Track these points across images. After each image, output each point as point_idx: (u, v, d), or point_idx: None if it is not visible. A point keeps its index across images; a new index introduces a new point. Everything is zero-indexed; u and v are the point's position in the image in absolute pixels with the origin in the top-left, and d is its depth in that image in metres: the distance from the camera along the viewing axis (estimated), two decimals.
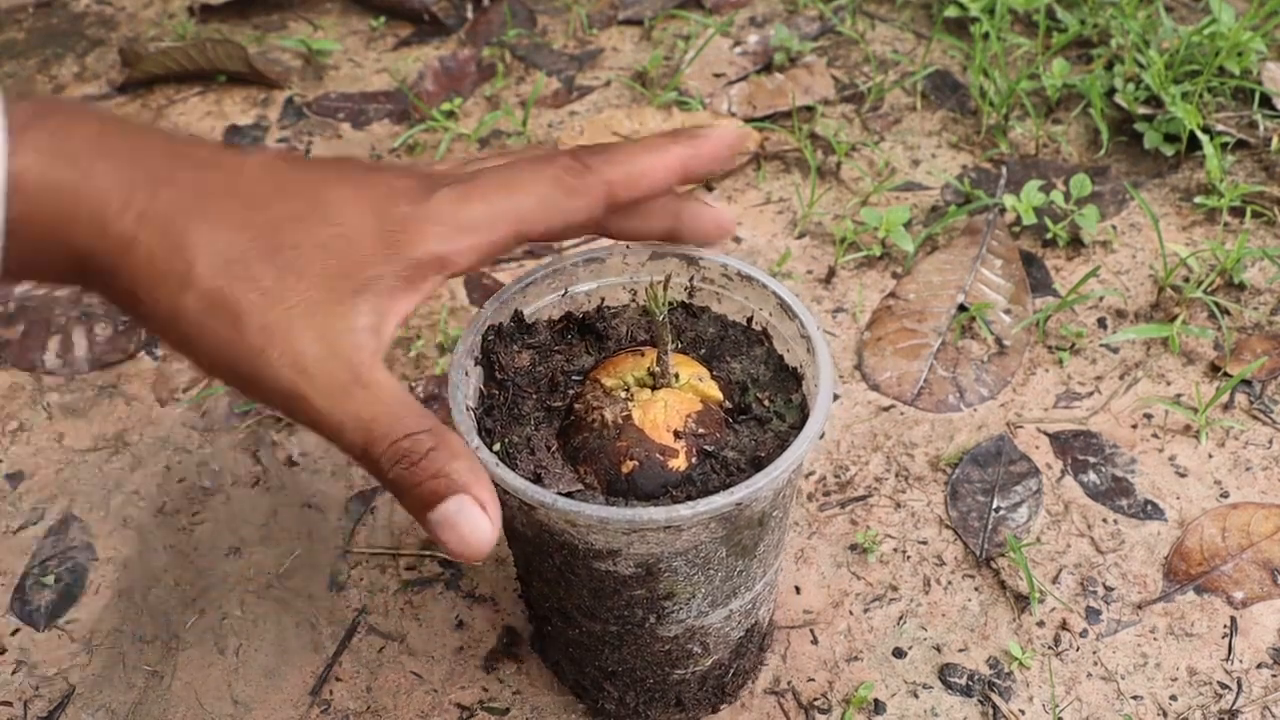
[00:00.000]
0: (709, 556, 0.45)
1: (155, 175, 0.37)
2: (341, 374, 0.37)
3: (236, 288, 0.37)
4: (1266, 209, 0.79)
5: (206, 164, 0.38)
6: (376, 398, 0.37)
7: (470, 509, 0.37)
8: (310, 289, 0.37)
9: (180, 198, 0.37)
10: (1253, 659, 0.56)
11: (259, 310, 0.37)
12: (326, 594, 0.61)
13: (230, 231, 0.37)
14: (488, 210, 0.40)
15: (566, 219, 0.42)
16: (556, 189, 0.41)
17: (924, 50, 0.95)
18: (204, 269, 0.36)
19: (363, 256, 0.38)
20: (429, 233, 0.39)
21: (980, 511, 0.63)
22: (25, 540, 0.65)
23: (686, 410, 0.45)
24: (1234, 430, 0.66)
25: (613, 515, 0.41)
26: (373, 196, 0.39)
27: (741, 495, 0.41)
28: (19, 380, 0.74)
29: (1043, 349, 0.72)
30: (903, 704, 0.55)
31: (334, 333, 0.37)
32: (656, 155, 0.43)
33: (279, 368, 0.37)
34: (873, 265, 0.78)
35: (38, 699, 0.58)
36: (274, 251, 0.37)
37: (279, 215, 0.38)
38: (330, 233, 0.38)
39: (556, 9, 1.05)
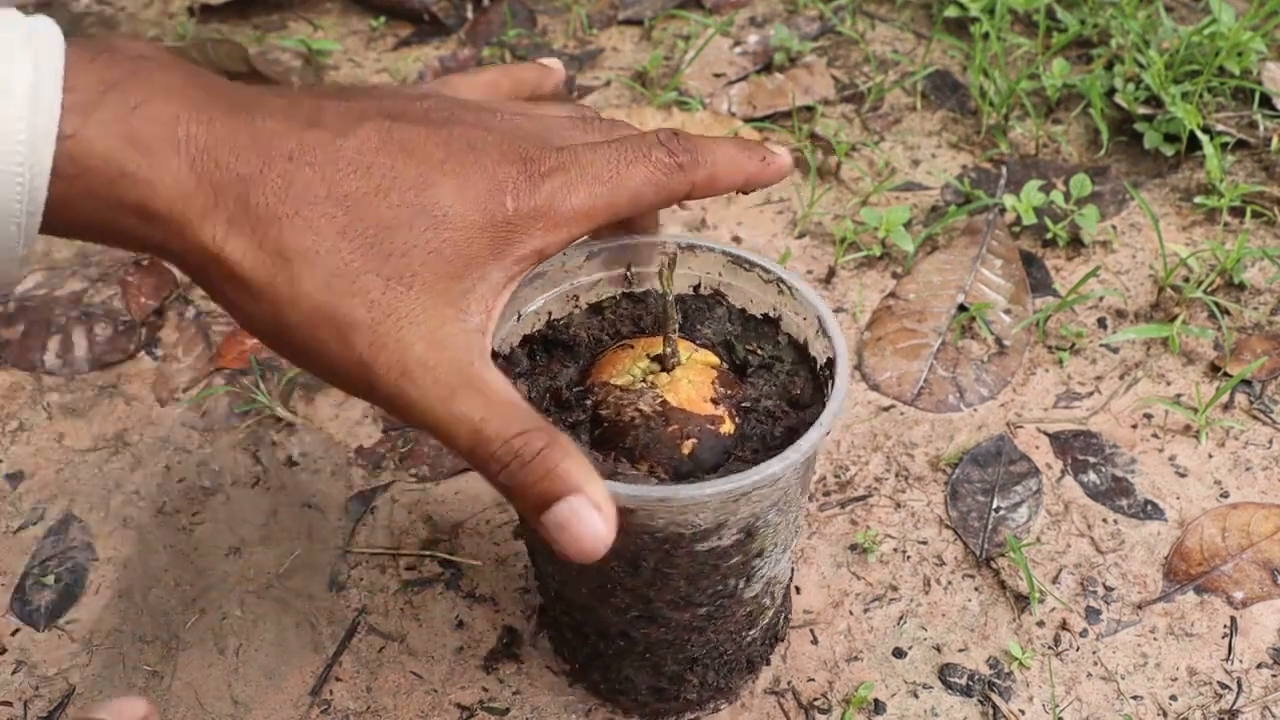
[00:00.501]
0: (791, 499, 0.46)
1: (243, 176, 0.35)
2: (450, 378, 0.36)
3: (344, 304, 0.36)
4: (1266, 209, 0.79)
5: (300, 158, 0.36)
6: (486, 399, 0.37)
7: (585, 510, 0.36)
8: (419, 297, 0.37)
9: (273, 204, 0.35)
10: (1253, 659, 0.56)
11: (367, 325, 0.36)
12: (326, 594, 0.61)
13: (332, 241, 0.36)
14: (589, 203, 0.40)
15: (648, 209, 0.43)
16: (649, 185, 0.42)
17: (924, 50, 0.95)
18: (308, 285, 0.35)
19: (471, 258, 0.38)
20: (534, 229, 0.39)
21: (980, 511, 0.63)
22: (25, 540, 0.65)
23: (708, 379, 0.46)
24: (1234, 430, 0.66)
25: (742, 480, 0.41)
26: (480, 194, 0.38)
27: (828, 423, 0.42)
28: (19, 380, 0.74)
29: (1043, 349, 0.72)
30: (903, 704, 0.55)
31: (442, 337, 0.37)
32: (734, 166, 0.44)
33: (388, 378, 0.36)
34: (873, 265, 0.78)
35: (38, 699, 0.58)
36: (380, 261, 0.36)
37: (381, 220, 0.37)
38: (440, 238, 0.37)
39: (556, 9, 1.05)
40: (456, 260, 0.38)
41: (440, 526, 0.64)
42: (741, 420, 0.46)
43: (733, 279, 0.51)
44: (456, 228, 0.38)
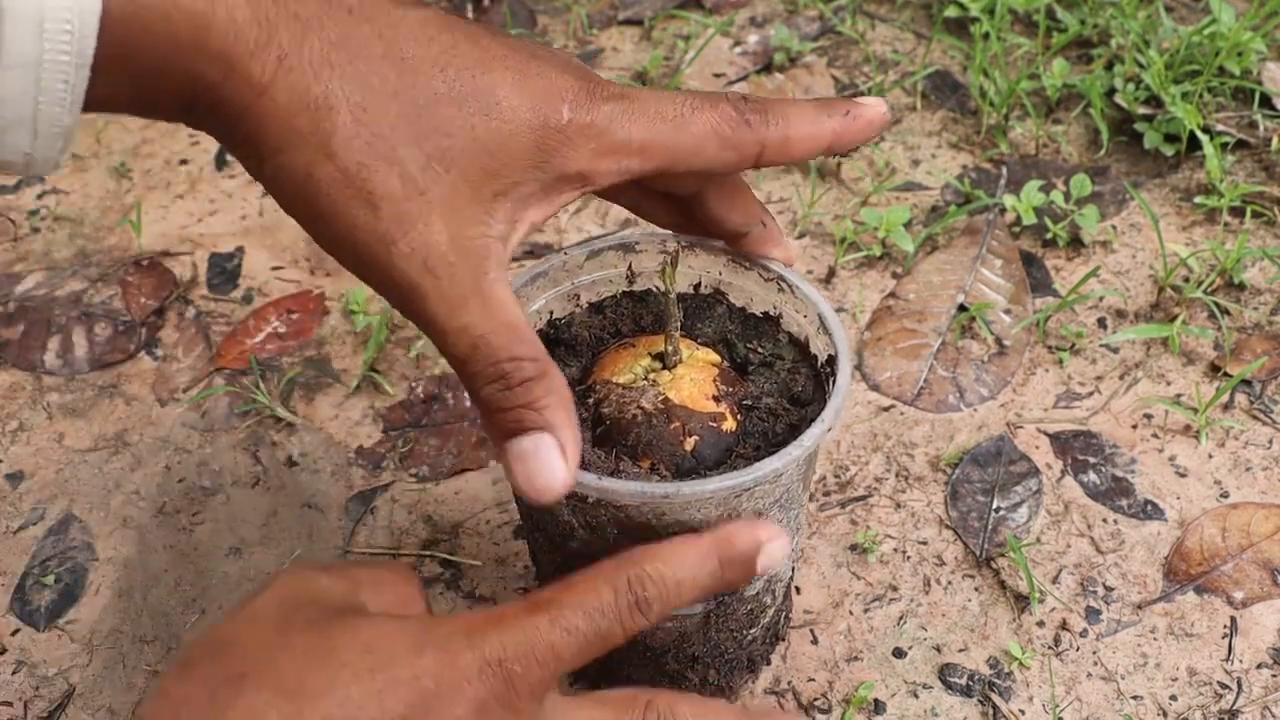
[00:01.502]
0: (793, 496, 0.46)
1: (300, 17, 0.34)
2: (464, 279, 0.35)
3: (380, 168, 0.34)
4: (1266, 209, 0.79)
5: (359, 13, 0.35)
6: (492, 314, 0.36)
7: (549, 449, 0.36)
8: (454, 185, 0.35)
9: (328, 50, 0.34)
10: (1253, 659, 0.56)
11: (398, 198, 0.35)
12: None
13: (380, 101, 0.34)
14: (647, 137, 0.38)
15: (712, 166, 0.41)
16: (714, 137, 0.39)
17: (924, 50, 0.95)
18: (347, 139, 0.34)
19: (513, 159, 0.36)
20: (584, 148, 0.37)
21: (980, 511, 0.63)
22: (25, 540, 0.65)
23: (709, 376, 0.46)
24: (1234, 430, 0.66)
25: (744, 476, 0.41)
26: (536, 92, 0.37)
27: (830, 419, 0.43)
28: (19, 380, 0.74)
29: (1043, 349, 0.72)
30: (903, 704, 0.55)
31: (467, 235, 0.36)
32: (812, 125, 0.41)
33: (406, 261, 0.35)
34: (873, 265, 0.78)
35: (38, 699, 0.57)
36: (424, 135, 0.35)
37: (435, 92, 0.35)
38: (487, 126, 0.36)
39: (556, 9, 1.05)
40: (499, 154, 0.36)
41: (440, 526, 0.64)
42: (743, 418, 0.46)
43: (733, 277, 0.51)
44: (506, 119, 0.36)
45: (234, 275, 0.80)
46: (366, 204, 0.34)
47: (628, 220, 0.82)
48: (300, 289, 0.79)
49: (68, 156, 0.39)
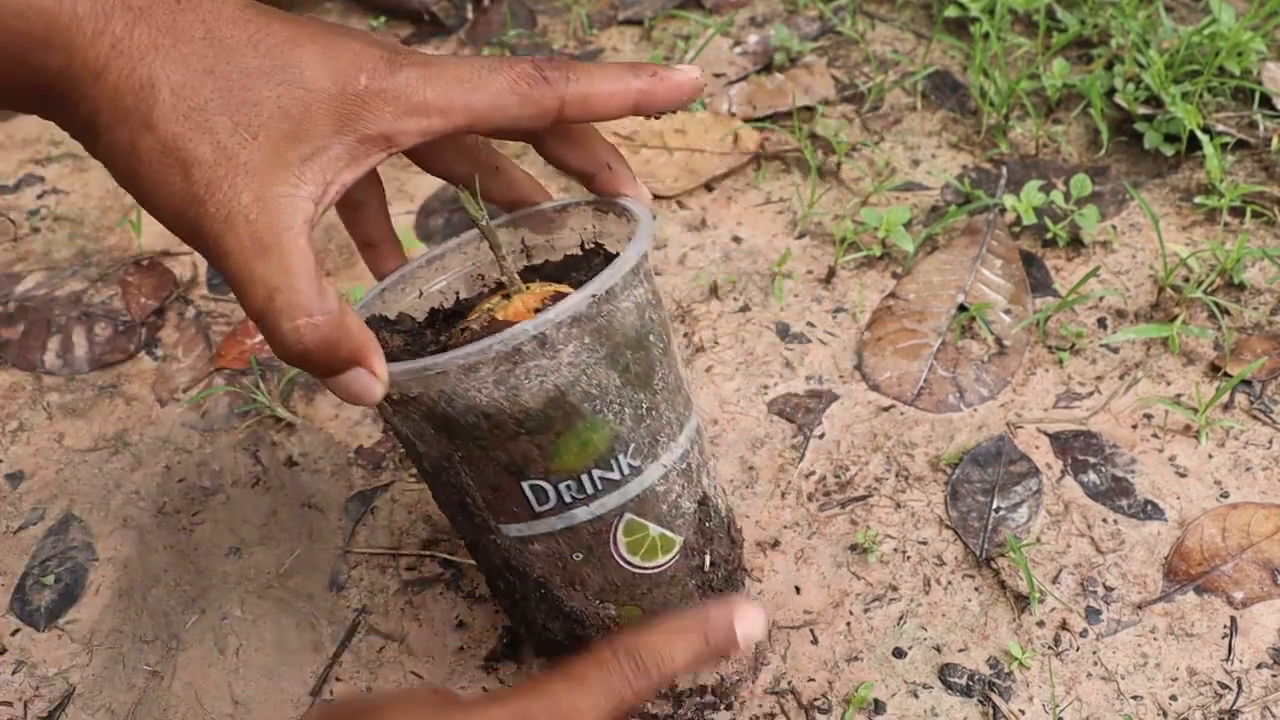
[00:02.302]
0: (604, 385, 0.45)
1: (133, 8, 0.38)
2: (264, 235, 0.38)
3: (193, 137, 0.38)
4: (1266, 209, 0.79)
5: (185, 3, 0.39)
6: (286, 266, 0.39)
7: (362, 377, 0.41)
8: (260, 149, 0.39)
9: (154, 36, 0.38)
10: (1253, 659, 0.56)
11: (209, 163, 0.38)
12: (326, 594, 0.61)
13: (197, 78, 0.38)
14: (444, 98, 0.41)
15: (515, 122, 0.43)
16: (511, 93, 0.43)
17: (924, 50, 0.95)
18: (166, 112, 0.38)
19: (316, 124, 0.40)
20: (383, 111, 0.41)
21: (980, 511, 0.63)
22: (25, 540, 0.65)
23: (543, 296, 0.47)
24: (1234, 430, 0.66)
25: (483, 344, 0.41)
26: (338, 64, 0.40)
27: (594, 288, 0.42)
28: (19, 380, 0.74)
29: (1043, 349, 0.72)
30: (903, 704, 0.55)
31: (271, 195, 0.39)
32: (614, 84, 0.44)
33: (212, 221, 0.38)
34: (873, 265, 0.78)
35: (38, 699, 0.58)
36: (235, 106, 0.39)
37: (247, 67, 0.39)
38: (291, 94, 0.39)
39: (556, 9, 1.05)
40: (302, 122, 0.39)
41: (440, 526, 0.64)
42: None
43: (602, 225, 0.52)
44: (309, 89, 0.40)
45: None
46: (181, 170, 0.38)
47: None
48: None
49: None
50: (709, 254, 0.79)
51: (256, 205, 0.38)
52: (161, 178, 0.38)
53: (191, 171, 0.38)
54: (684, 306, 0.76)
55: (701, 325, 0.74)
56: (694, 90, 0.46)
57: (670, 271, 0.78)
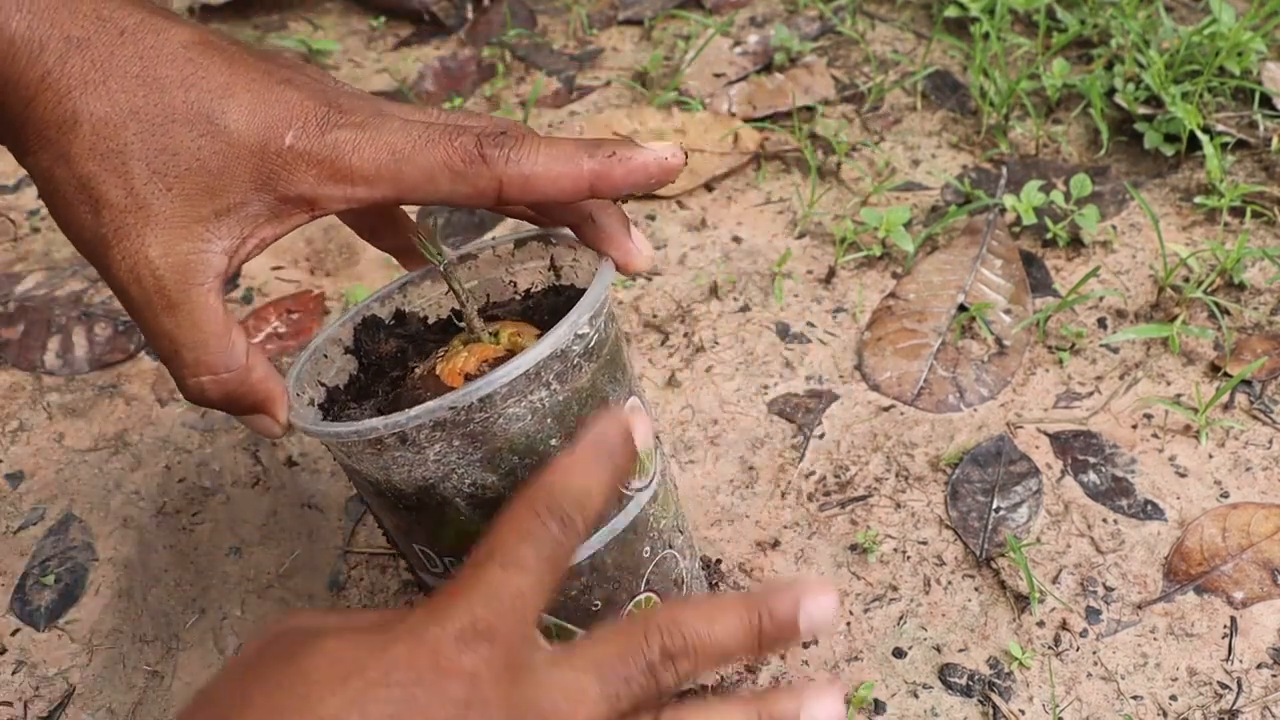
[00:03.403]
0: (481, 483, 0.42)
1: (71, 37, 0.38)
2: (171, 292, 0.39)
3: (107, 179, 0.38)
4: (1266, 209, 0.79)
5: (127, 35, 0.39)
6: (195, 323, 0.39)
7: (264, 421, 0.43)
8: (173, 201, 0.38)
9: (86, 70, 0.38)
10: (1253, 659, 0.56)
11: (119, 208, 0.38)
12: (326, 594, 0.61)
13: (121, 117, 0.38)
14: (372, 167, 0.40)
15: (448, 199, 0.41)
16: (444, 170, 0.40)
17: (924, 50, 0.95)
18: (84, 150, 0.38)
19: (234, 179, 0.39)
20: (305, 174, 0.39)
21: (980, 511, 0.63)
22: (25, 540, 0.65)
23: (485, 357, 0.44)
24: (1234, 430, 0.66)
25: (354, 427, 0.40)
26: (267, 118, 0.39)
27: (454, 399, 0.39)
28: (19, 380, 0.74)
29: (1043, 349, 0.72)
30: (903, 704, 0.55)
31: (181, 250, 0.39)
32: (562, 166, 0.40)
33: (119, 268, 0.38)
34: (873, 265, 0.78)
35: (38, 699, 0.58)
36: (154, 152, 0.38)
37: (173, 111, 0.38)
38: (212, 147, 0.39)
39: (556, 9, 1.05)
40: (220, 175, 0.39)
41: None
42: None
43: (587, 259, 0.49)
44: (230, 143, 0.39)
45: (234, 275, 0.80)
46: (92, 209, 0.38)
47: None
48: (300, 289, 0.79)
49: None
50: (709, 254, 0.79)
51: (164, 259, 0.38)
52: (74, 212, 0.38)
53: (102, 213, 0.38)
54: (684, 306, 0.76)
55: (701, 325, 0.74)
56: (663, 173, 0.41)
57: (670, 271, 0.78)
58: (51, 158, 0.38)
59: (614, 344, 0.44)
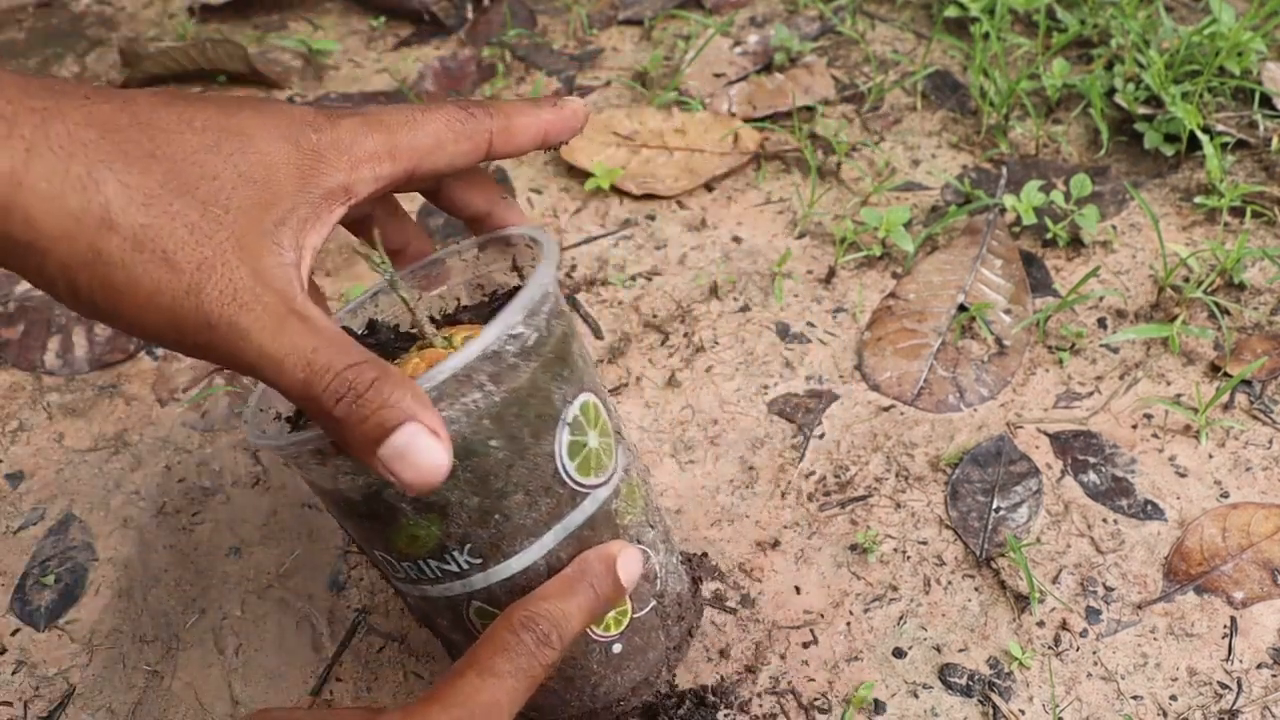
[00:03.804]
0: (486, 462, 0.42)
1: (38, 109, 0.34)
2: (278, 306, 0.36)
3: (166, 225, 0.35)
4: (1267, 209, 0.79)
5: (96, 97, 0.36)
6: (315, 329, 0.36)
7: (423, 436, 0.36)
8: (237, 222, 0.36)
9: (76, 131, 0.34)
10: (1253, 659, 0.56)
11: (191, 246, 0.35)
12: (326, 594, 0.61)
13: (142, 163, 0.35)
14: (389, 141, 0.41)
15: (452, 161, 0.43)
16: (449, 130, 0.42)
17: (924, 50, 0.95)
18: (124, 206, 0.34)
19: (281, 185, 0.38)
20: (339, 162, 0.39)
21: (980, 511, 0.63)
22: (25, 540, 0.65)
23: (433, 361, 0.44)
24: (1234, 430, 0.66)
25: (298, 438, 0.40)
26: (282, 124, 0.39)
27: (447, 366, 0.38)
28: (19, 380, 0.74)
29: (1043, 349, 0.72)
30: (903, 704, 0.55)
31: (265, 267, 0.36)
32: (529, 117, 0.45)
33: (217, 304, 0.35)
34: (873, 265, 0.78)
35: (38, 699, 0.58)
36: (193, 185, 0.36)
37: (190, 146, 0.36)
38: (250, 161, 0.37)
39: (556, 9, 1.05)
40: (268, 184, 0.37)
41: None
42: None
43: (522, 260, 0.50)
44: (264, 152, 0.38)
45: None
46: (163, 262, 0.35)
47: (628, 220, 0.82)
48: None
49: None
50: (709, 254, 0.79)
51: (257, 279, 0.36)
52: (140, 277, 0.34)
53: (176, 259, 0.35)
54: (684, 306, 0.76)
55: (701, 325, 0.74)
56: (582, 117, 0.46)
57: (670, 271, 0.78)
58: (91, 233, 0.34)
59: (559, 342, 0.43)
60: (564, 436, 0.43)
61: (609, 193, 0.85)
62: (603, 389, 0.47)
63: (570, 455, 0.43)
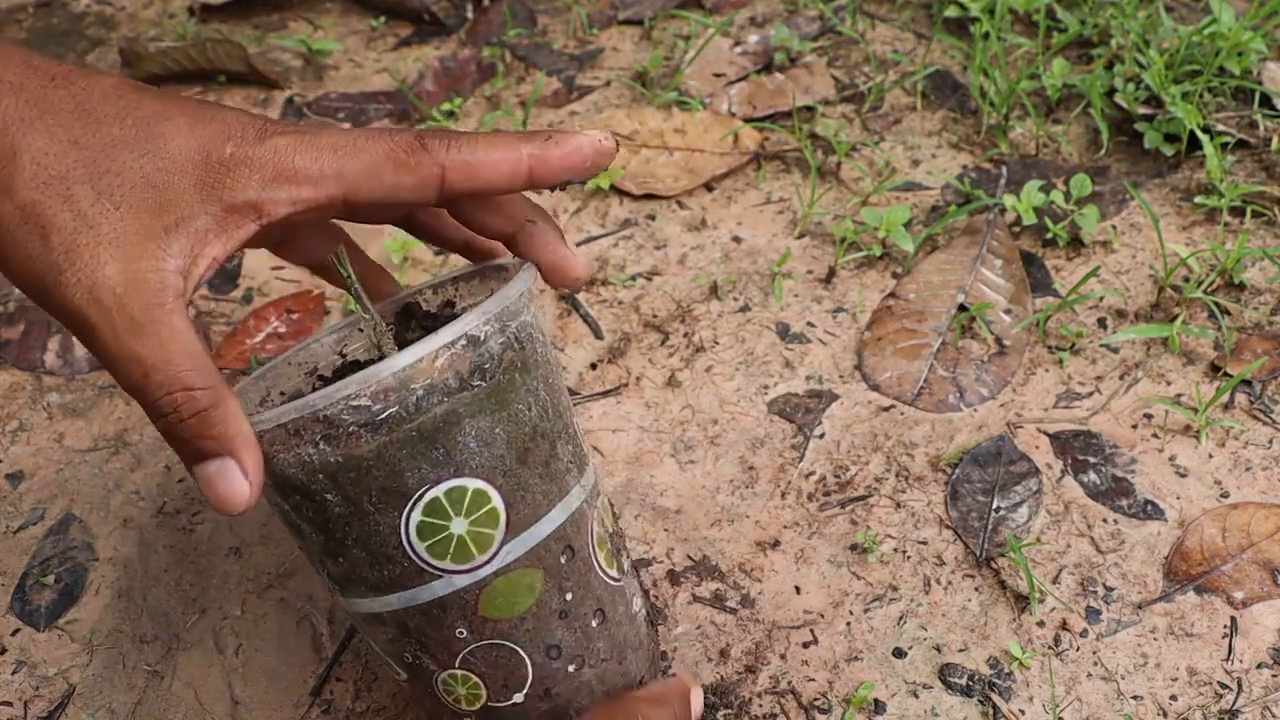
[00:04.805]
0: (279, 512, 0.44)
1: (3, 80, 0.38)
2: (134, 311, 0.37)
3: (52, 204, 0.37)
4: (1266, 209, 0.79)
5: (58, 80, 0.39)
6: (162, 344, 0.37)
7: (231, 471, 0.38)
8: (124, 220, 0.38)
9: (20, 107, 0.38)
10: (1253, 659, 0.56)
11: (68, 231, 0.37)
12: (326, 594, 0.61)
13: (61, 147, 0.38)
14: (315, 166, 0.40)
15: (393, 193, 0.41)
16: (387, 161, 0.40)
17: (924, 50, 0.95)
18: (26, 179, 0.37)
19: (180, 193, 0.39)
20: (250, 178, 0.39)
21: (980, 511, 0.63)
22: (25, 540, 0.65)
23: None
24: (1234, 430, 0.66)
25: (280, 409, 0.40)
26: (205, 134, 0.39)
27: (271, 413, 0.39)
28: (19, 380, 0.74)
29: (1043, 349, 0.72)
30: (903, 704, 0.55)
31: (138, 269, 0.38)
32: (501, 152, 0.41)
33: (74, 291, 0.37)
34: (873, 265, 0.78)
35: (38, 699, 0.58)
36: (98, 175, 0.38)
37: (112, 139, 0.38)
38: (155, 164, 0.39)
39: (556, 9, 1.05)
40: (166, 191, 0.38)
41: None
42: None
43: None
44: (173, 159, 0.39)
45: (234, 275, 0.80)
46: (39, 236, 0.37)
47: (628, 220, 0.82)
48: (300, 289, 0.79)
49: None
50: (709, 254, 0.79)
51: (123, 278, 0.37)
52: (20, 243, 0.37)
53: (50, 238, 0.37)
54: (684, 306, 0.76)
55: (701, 325, 0.74)
56: (597, 155, 0.42)
57: (670, 271, 0.78)
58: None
59: (439, 421, 0.41)
60: (415, 515, 0.41)
61: (609, 193, 0.85)
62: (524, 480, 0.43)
63: (420, 535, 0.41)
